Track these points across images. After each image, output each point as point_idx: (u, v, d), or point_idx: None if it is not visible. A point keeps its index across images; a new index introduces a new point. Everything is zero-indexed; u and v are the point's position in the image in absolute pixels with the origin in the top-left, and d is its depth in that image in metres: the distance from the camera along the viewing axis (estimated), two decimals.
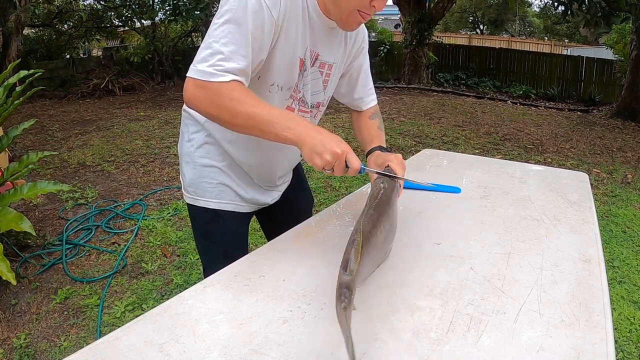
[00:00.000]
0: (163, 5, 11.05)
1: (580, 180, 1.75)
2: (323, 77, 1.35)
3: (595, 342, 0.85)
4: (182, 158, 1.44)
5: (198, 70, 1.07)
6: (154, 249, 3.32)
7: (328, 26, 1.25)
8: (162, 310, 0.93)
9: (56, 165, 5.17)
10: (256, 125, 1.07)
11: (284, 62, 1.21)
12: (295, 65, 1.24)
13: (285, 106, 1.31)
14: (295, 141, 1.06)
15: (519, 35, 29.64)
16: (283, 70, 1.23)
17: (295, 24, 1.18)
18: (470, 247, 1.20)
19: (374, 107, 1.58)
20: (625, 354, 2.37)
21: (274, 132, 1.07)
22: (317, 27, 1.23)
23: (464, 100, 10.71)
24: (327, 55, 1.31)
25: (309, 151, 1.05)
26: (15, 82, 2.89)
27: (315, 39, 1.25)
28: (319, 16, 1.22)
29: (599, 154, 6.35)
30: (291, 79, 1.26)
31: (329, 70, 1.35)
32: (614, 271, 3.15)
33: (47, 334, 2.45)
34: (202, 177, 1.38)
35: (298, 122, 1.08)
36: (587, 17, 9.81)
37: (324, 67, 1.33)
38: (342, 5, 1.15)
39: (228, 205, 1.41)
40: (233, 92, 1.05)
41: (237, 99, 1.05)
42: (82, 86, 9.92)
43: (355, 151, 1.11)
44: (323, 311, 0.93)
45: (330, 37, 1.29)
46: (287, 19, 1.15)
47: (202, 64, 1.07)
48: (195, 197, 1.41)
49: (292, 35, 1.18)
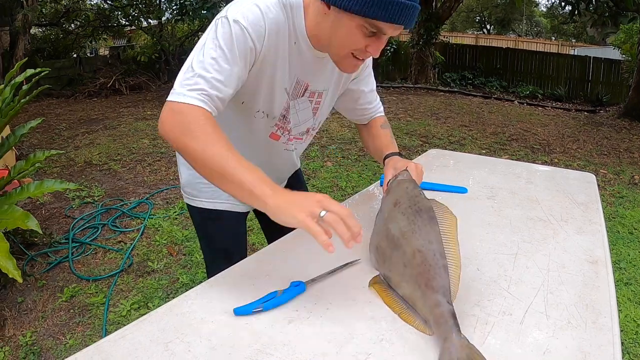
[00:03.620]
0: (170, 5, 11.08)
1: (587, 181, 1.74)
2: (312, 105, 1.33)
3: (602, 344, 0.85)
4: (178, 158, 1.44)
5: (175, 92, 1.02)
6: (160, 248, 3.33)
7: (317, 56, 1.21)
8: (167, 309, 0.93)
9: (63, 163, 5.19)
10: (222, 169, 0.96)
11: (269, 92, 1.20)
12: (281, 96, 1.23)
13: (269, 132, 1.31)
14: (263, 196, 0.93)
15: (526, 35, 29.55)
16: (268, 100, 1.21)
17: (282, 56, 1.15)
18: (476, 248, 1.19)
19: (383, 118, 1.56)
20: (632, 355, 2.35)
21: (241, 181, 0.95)
22: (306, 58, 1.20)
23: (470, 100, 10.68)
24: (317, 84, 1.28)
25: (290, 207, 0.92)
26: (22, 81, 2.89)
27: (305, 69, 1.22)
28: (308, 48, 1.18)
29: (606, 155, 6.32)
30: (277, 109, 1.25)
31: (319, 98, 1.33)
32: (621, 272, 3.13)
33: (53, 331, 2.46)
34: (196, 178, 1.38)
35: (266, 179, 0.96)
36: (594, 17, 9.78)
37: (313, 95, 1.30)
38: (336, 48, 1.12)
39: (223, 205, 1.41)
40: (207, 125, 0.98)
41: (212, 133, 0.98)
42: (89, 85, 9.96)
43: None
44: (329, 311, 0.93)
45: (321, 66, 1.25)
46: (274, 52, 1.12)
47: (181, 87, 1.02)
48: (192, 197, 1.42)
49: (278, 67, 1.16)
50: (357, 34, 1.05)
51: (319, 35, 1.13)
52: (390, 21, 1.01)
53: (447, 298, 0.85)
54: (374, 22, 1.01)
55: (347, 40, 1.07)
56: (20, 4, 8.48)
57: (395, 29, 1.04)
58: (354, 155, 5.60)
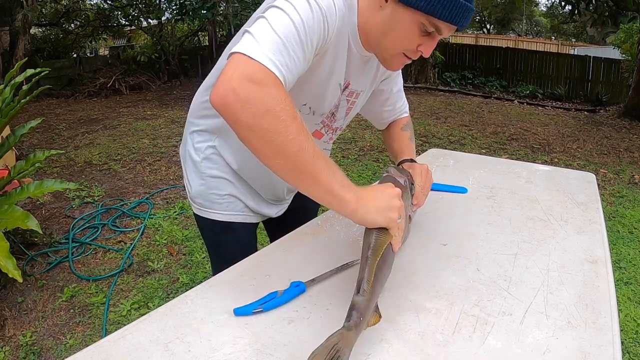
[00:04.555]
0: (170, 5, 11.09)
1: (587, 180, 1.74)
2: (348, 105, 1.28)
3: (602, 344, 0.85)
4: (186, 167, 1.38)
5: (265, 55, 0.82)
6: (160, 248, 3.33)
7: (363, 55, 1.15)
8: (167, 309, 0.93)
9: (63, 163, 5.19)
10: (309, 167, 0.85)
11: (322, 86, 1.13)
12: (335, 92, 1.17)
13: (313, 131, 1.25)
14: (351, 203, 0.89)
15: (526, 34, 29.54)
16: (319, 94, 1.15)
17: (342, 50, 1.09)
18: (476, 248, 1.19)
19: (406, 118, 1.52)
20: (632, 355, 2.35)
21: (330, 186, 0.87)
22: (353, 57, 1.13)
23: (470, 100, 10.68)
24: (357, 84, 1.23)
25: (375, 212, 0.91)
26: (22, 81, 2.90)
27: (350, 68, 1.16)
28: (357, 47, 1.11)
29: (606, 154, 6.32)
30: (328, 106, 1.20)
31: (355, 99, 1.28)
32: (621, 272, 3.13)
33: (53, 331, 2.46)
34: (210, 189, 1.32)
35: (348, 180, 0.91)
36: (594, 17, 9.78)
37: (351, 95, 1.25)
38: (386, 47, 1.06)
39: (238, 217, 1.37)
40: (292, 108, 0.83)
41: (301, 122, 0.83)
42: (89, 85, 9.96)
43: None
44: (329, 312, 0.93)
45: (364, 66, 1.20)
46: (335, 44, 1.05)
47: (270, 53, 0.83)
48: (204, 209, 1.36)
49: (338, 60, 1.10)
50: (413, 31, 1.01)
51: (370, 32, 1.07)
52: (451, 21, 0.98)
53: (359, 289, 0.83)
54: (435, 20, 0.98)
55: (402, 37, 1.03)
56: (20, 4, 8.49)
57: (451, 29, 1.01)
58: (353, 155, 5.60)
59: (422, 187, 1.24)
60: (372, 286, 0.83)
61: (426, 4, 0.95)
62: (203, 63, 11.99)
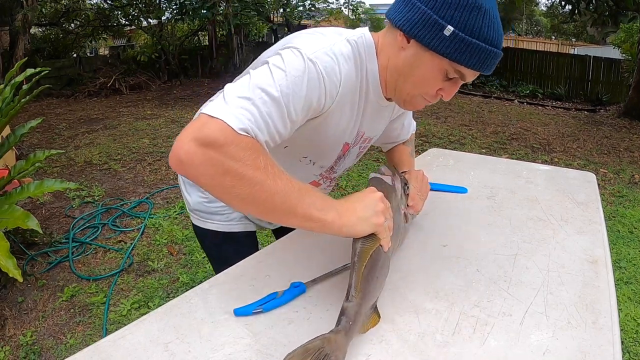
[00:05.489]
0: (170, 4, 11.09)
1: (587, 180, 1.74)
2: (359, 149, 1.25)
3: (602, 343, 0.85)
4: (184, 178, 1.37)
5: (229, 112, 0.79)
6: (160, 247, 3.33)
7: (382, 105, 1.12)
8: (167, 309, 0.93)
9: (63, 163, 5.19)
10: (283, 206, 0.83)
11: (326, 143, 1.10)
12: (337, 150, 1.15)
13: (311, 180, 1.24)
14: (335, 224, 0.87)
15: (526, 34, 29.51)
16: (322, 150, 1.13)
17: (350, 108, 1.04)
18: (476, 249, 1.19)
19: (410, 135, 1.51)
20: (632, 354, 2.35)
21: (309, 214, 0.85)
22: (370, 107, 1.09)
23: (470, 100, 10.68)
24: (371, 131, 1.20)
25: (359, 223, 0.89)
26: (22, 81, 2.90)
27: (365, 119, 1.12)
28: (377, 95, 1.07)
29: (606, 154, 6.32)
30: (329, 160, 1.19)
31: (367, 144, 1.26)
32: (621, 272, 3.13)
33: (53, 331, 2.46)
34: (210, 201, 1.32)
35: (325, 200, 0.89)
36: (594, 16, 9.78)
37: (365, 141, 1.23)
38: (406, 89, 1.01)
39: (238, 226, 1.36)
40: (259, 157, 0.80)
41: (264, 168, 0.80)
42: (89, 85, 9.95)
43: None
44: (329, 312, 0.93)
45: (379, 114, 1.16)
46: (340, 110, 1.01)
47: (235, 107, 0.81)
48: (204, 220, 1.36)
49: (343, 121, 1.05)
50: (436, 77, 0.96)
51: (390, 74, 1.02)
52: (477, 69, 0.93)
53: (348, 295, 0.84)
54: (459, 67, 0.93)
55: (424, 80, 0.98)
56: (20, 3, 8.48)
57: (475, 75, 0.96)
58: None
59: (419, 191, 1.23)
60: (360, 291, 0.84)
61: (452, 51, 0.90)
62: (203, 63, 12.00)
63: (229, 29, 10.18)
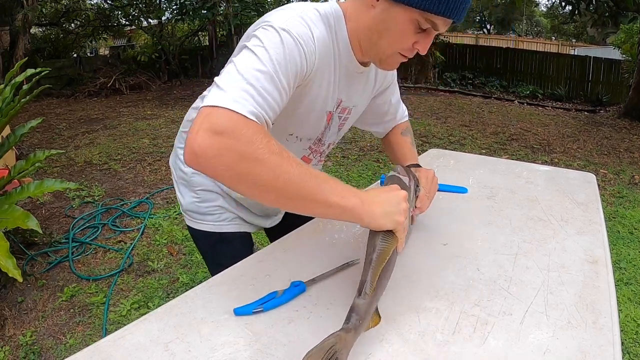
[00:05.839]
0: (170, 5, 11.09)
1: (587, 180, 1.74)
2: (340, 121, 1.25)
3: (602, 344, 0.84)
4: (177, 179, 1.38)
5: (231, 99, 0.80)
6: (160, 248, 3.33)
7: (357, 71, 1.12)
8: (167, 309, 0.93)
9: (63, 163, 5.19)
10: (301, 192, 0.83)
11: (310, 115, 1.11)
12: (323, 119, 1.16)
13: (301, 156, 1.24)
14: (356, 210, 0.87)
15: (526, 35, 29.54)
16: (307, 123, 1.14)
17: (328, 73, 1.05)
18: (476, 248, 1.19)
19: (405, 123, 1.51)
20: (632, 355, 2.35)
21: (328, 200, 0.85)
22: (344, 73, 1.10)
23: (470, 100, 10.68)
24: (349, 100, 1.19)
25: (382, 217, 0.89)
26: (22, 81, 2.90)
27: (342, 86, 1.12)
28: (350, 60, 1.08)
29: (606, 155, 6.32)
30: (315, 132, 1.19)
31: (348, 115, 1.25)
32: (621, 272, 3.13)
33: (53, 331, 2.45)
34: (202, 202, 1.32)
35: (345, 187, 0.89)
36: (594, 17, 9.79)
37: (344, 112, 1.22)
38: (381, 47, 1.02)
39: (230, 226, 1.36)
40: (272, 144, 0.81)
41: (279, 153, 0.81)
42: (89, 85, 9.96)
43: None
44: (329, 311, 0.93)
45: (356, 81, 1.16)
46: (320, 74, 1.02)
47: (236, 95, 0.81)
48: (197, 220, 1.36)
49: (323, 87, 1.06)
50: (408, 29, 0.96)
51: (362, 35, 1.04)
52: (448, 15, 0.93)
53: (360, 291, 0.84)
54: (430, 15, 0.93)
55: (397, 36, 0.98)
56: (20, 3, 8.49)
57: (447, 24, 0.96)
58: (354, 155, 5.59)
59: (428, 192, 1.22)
60: (374, 290, 0.83)
61: (420, 0, 0.91)
62: (203, 63, 12.01)
63: (229, 29, 10.18)
